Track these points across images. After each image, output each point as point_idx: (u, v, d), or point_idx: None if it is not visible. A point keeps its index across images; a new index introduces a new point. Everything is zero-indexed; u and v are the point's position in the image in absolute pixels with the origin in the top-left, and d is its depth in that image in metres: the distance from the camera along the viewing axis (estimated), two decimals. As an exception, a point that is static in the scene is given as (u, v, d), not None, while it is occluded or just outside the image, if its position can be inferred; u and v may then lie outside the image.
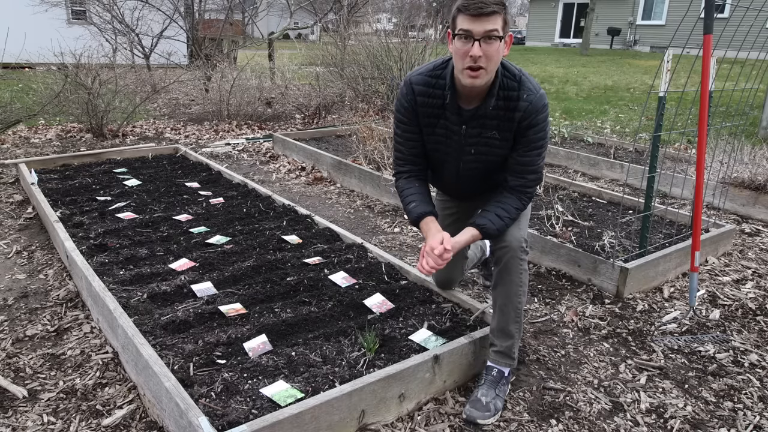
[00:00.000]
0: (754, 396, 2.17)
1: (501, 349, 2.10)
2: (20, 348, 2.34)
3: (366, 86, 7.99)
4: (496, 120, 1.97)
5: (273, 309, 2.42)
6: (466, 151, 2.06)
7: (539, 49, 25.10)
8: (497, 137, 2.00)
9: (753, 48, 3.45)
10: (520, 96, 1.93)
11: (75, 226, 3.34)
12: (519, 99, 1.93)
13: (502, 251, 2.04)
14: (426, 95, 2.02)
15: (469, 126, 2.00)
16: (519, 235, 2.04)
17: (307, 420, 1.72)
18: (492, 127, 1.99)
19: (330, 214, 4.07)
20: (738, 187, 4.27)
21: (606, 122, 8.02)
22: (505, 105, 1.95)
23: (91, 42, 8.13)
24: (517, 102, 1.93)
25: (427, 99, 2.02)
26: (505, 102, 1.95)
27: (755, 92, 4.42)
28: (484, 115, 1.97)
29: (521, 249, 2.04)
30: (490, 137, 2.01)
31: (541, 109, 1.94)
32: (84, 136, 6.32)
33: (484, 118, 1.98)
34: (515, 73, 1.96)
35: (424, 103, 2.03)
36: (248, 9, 12.97)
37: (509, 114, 1.95)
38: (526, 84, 1.95)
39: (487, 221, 2.00)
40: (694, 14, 3.01)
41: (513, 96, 1.94)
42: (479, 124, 1.99)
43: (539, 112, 1.94)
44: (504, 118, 1.96)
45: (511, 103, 1.94)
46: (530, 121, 1.95)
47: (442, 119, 2.03)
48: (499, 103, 1.95)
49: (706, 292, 2.99)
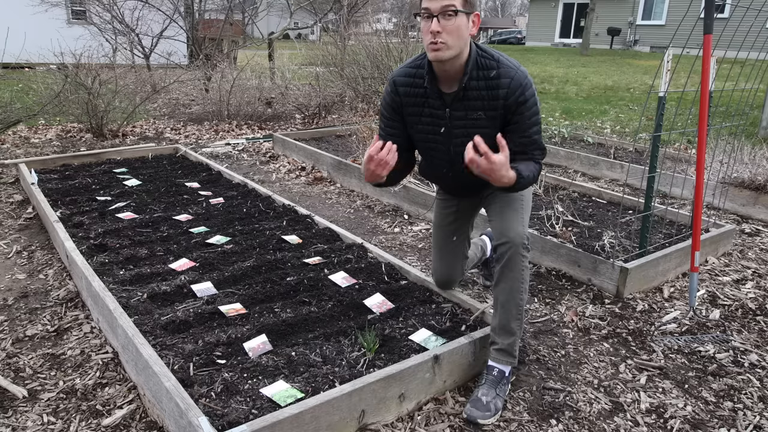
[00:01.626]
0: (754, 396, 2.17)
1: (502, 347, 2.10)
2: (20, 348, 2.34)
3: (366, 86, 7.99)
4: (480, 100, 2.00)
5: (273, 309, 2.42)
6: (455, 133, 2.08)
7: (539, 49, 25.11)
8: (483, 117, 2.02)
9: (753, 48, 3.45)
10: (501, 74, 1.96)
11: (75, 226, 3.34)
12: (500, 77, 1.96)
13: (505, 247, 2.05)
14: (408, 85, 2.09)
15: (453, 108, 2.04)
16: (521, 231, 2.05)
17: (307, 420, 1.72)
18: (477, 108, 2.01)
19: (330, 214, 4.08)
20: (738, 187, 4.27)
21: (606, 122, 8.02)
22: (486, 84, 1.98)
23: (91, 42, 8.12)
24: (498, 80, 1.96)
25: (409, 89, 2.09)
26: (486, 81, 1.98)
27: (755, 92, 4.42)
28: (467, 96, 2.00)
29: (523, 245, 2.04)
30: (477, 118, 2.03)
31: (526, 85, 1.96)
32: (84, 136, 6.32)
33: (467, 100, 2.01)
34: (493, 54, 2.00)
35: (407, 93, 2.09)
36: (248, 9, 12.97)
37: (492, 92, 1.98)
38: (504, 62, 1.98)
39: (526, 170, 1.95)
40: (694, 14, 3.01)
41: (492, 75, 1.97)
42: (463, 106, 2.02)
43: (525, 87, 1.96)
44: (488, 97, 1.99)
45: (492, 82, 1.97)
46: (517, 98, 1.96)
47: (426, 107, 2.08)
48: (479, 84, 1.98)
49: (706, 292, 2.99)
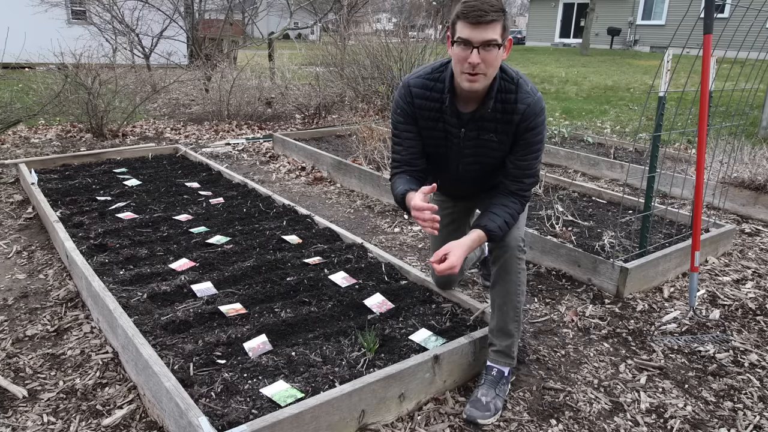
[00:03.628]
0: (754, 396, 2.17)
1: (500, 349, 2.10)
2: (20, 348, 2.34)
3: (366, 86, 7.99)
4: (494, 123, 1.98)
5: (273, 309, 2.42)
6: (465, 153, 2.08)
7: (539, 49, 25.10)
8: (495, 140, 2.02)
9: (753, 48, 3.45)
10: (518, 99, 1.95)
11: (75, 226, 3.34)
12: (517, 102, 1.95)
13: (500, 250, 2.05)
14: (424, 98, 2.03)
15: (468, 129, 2.02)
16: (516, 235, 2.05)
17: (307, 420, 1.72)
18: (490, 130, 2.00)
19: (330, 214, 4.07)
20: (738, 187, 4.27)
21: (606, 122, 8.02)
22: (503, 108, 1.96)
23: (91, 42, 8.10)
24: (515, 105, 1.95)
25: (425, 102, 2.03)
26: (503, 105, 1.96)
27: (755, 92, 4.42)
28: (482, 117, 1.98)
29: (519, 248, 2.05)
30: (488, 140, 2.02)
31: (539, 112, 1.96)
32: (84, 136, 6.32)
33: (482, 121, 1.99)
34: (513, 77, 1.97)
35: (422, 106, 2.04)
36: (248, 9, 12.95)
37: (507, 117, 1.97)
38: (523, 87, 1.96)
39: (496, 227, 1.96)
40: (694, 14, 3.02)
41: (511, 99, 1.95)
42: (477, 126, 2.00)
43: (537, 115, 1.96)
44: (502, 120, 1.98)
45: (508, 106, 1.96)
46: (528, 124, 1.96)
47: (440, 122, 2.04)
48: (497, 106, 1.96)
49: (706, 292, 2.99)
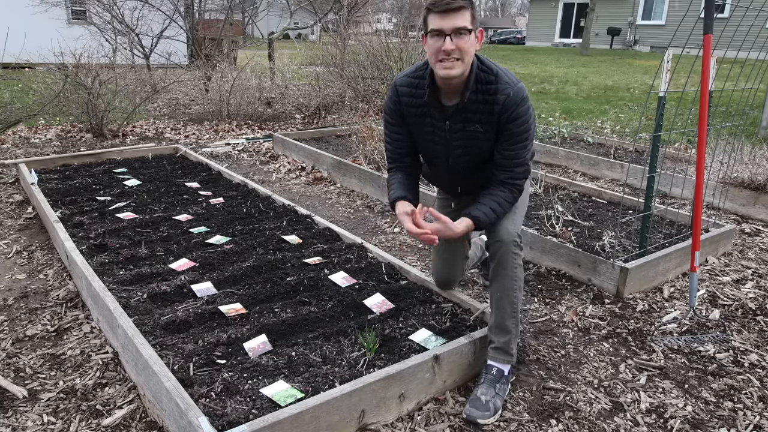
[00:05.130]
0: (754, 396, 2.17)
1: (499, 345, 2.10)
2: (20, 348, 2.34)
3: (366, 86, 7.99)
4: (478, 114, 2.02)
5: (273, 309, 2.42)
6: (454, 145, 2.12)
7: (539, 49, 25.10)
8: (480, 130, 2.05)
9: (753, 48, 3.45)
10: (498, 89, 1.98)
11: (75, 226, 3.34)
12: (497, 92, 1.98)
13: (496, 246, 2.08)
14: (410, 95, 2.10)
15: (452, 121, 2.06)
16: (512, 230, 2.07)
17: (307, 420, 1.72)
18: (475, 121, 2.04)
19: (330, 214, 4.07)
20: (738, 187, 4.27)
21: (606, 122, 8.02)
22: (484, 99, 1.99)
23: (91, 42, 8.10)
24: (495, 95, 1.98)
25: (411, 99, 2.10)
26: (484, 96, 1.99)
27: (755, 92, 4.42)
28: (466, 109, 2.02)
29: (514, 243, 2.06)
30: (474, 131, 2.06)
31: (520, 102, 1.98)
32: (84, 136, 6.32)
33: (466, 112, 2.03)
34: (492, 68, 2.01)
35: (409, 103, 2.10)
36: (248, 9, 12.95)
37: (489, 107, 2.00)
38: (503, 78, 1.99)
39: (481, 213, 2.05)
40: (694, 14, 3.01)
41: (491, 90, 1.98)
42: (462, 118, 2.04)
43: (519, 105, 1.98)
44: (484, 111, 2.01)
45: (489, 97, 1.99)
46: (510, 115, 1.99)
47: (427, 117, 2.10)
48: (478, 97, 2.00)
49: (706, 292, 2.99)
